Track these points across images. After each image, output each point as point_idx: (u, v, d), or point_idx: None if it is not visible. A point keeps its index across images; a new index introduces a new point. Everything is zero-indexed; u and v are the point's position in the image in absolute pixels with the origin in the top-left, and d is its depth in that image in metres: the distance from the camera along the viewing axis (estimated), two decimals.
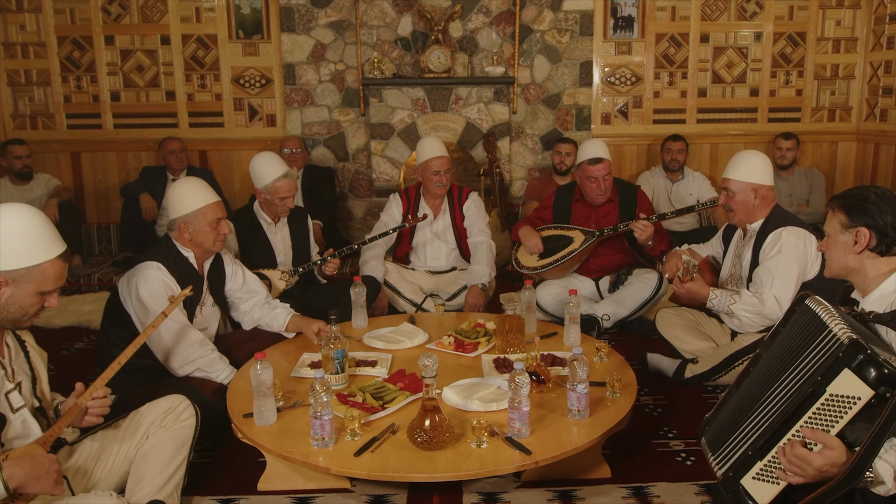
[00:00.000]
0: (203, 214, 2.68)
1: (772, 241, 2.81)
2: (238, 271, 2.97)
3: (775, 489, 1.57)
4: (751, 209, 2.92)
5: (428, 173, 3.82)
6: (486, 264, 3.77)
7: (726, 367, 2.83)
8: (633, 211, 3.69)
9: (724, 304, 2.81)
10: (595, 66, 5.60)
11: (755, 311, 2.77)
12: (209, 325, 2.86)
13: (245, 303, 2.96)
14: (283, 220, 3.51)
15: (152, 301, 2.55)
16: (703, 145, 5.72)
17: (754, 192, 2.89)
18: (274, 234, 3.49)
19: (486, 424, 1.98)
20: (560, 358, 2.54)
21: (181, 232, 2.69)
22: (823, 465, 1.47)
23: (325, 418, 1.96)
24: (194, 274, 2.73)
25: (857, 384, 1.44)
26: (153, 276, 2.57)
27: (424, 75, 5.26)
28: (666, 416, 2.77)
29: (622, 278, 3.75)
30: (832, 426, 1.49)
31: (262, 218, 3.46)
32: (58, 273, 1.76)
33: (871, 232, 1.79)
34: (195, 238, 2.70)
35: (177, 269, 2.65)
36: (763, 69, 5.65)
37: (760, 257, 2.84)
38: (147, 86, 5.53)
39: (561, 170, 5.05)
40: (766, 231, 2.86)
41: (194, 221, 2.68)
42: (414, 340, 2.81)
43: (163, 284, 2.57)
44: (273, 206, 3.39)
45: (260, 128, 5.62)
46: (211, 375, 2.62)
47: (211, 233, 2.70)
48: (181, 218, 2.68)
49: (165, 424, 2.05)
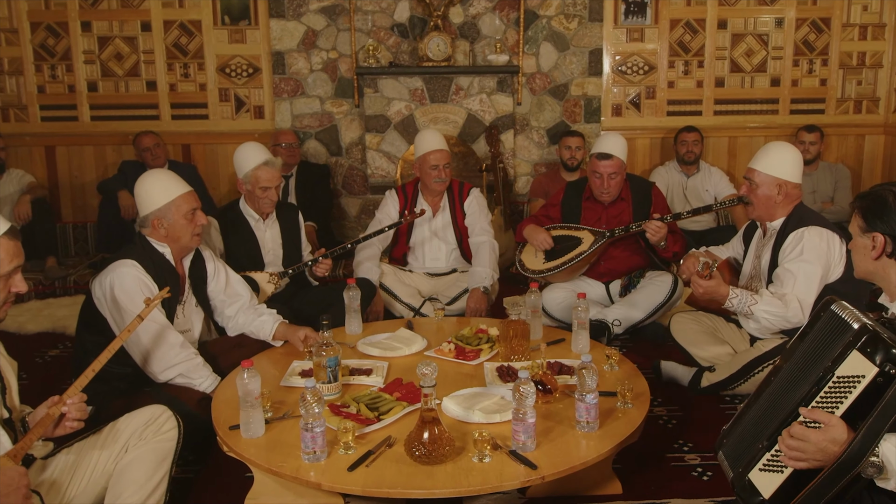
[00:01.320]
0: (176, 206, 2.70)
1: (793, 242, 2.81)
2: (221, 271, 2.97)
3: (780, 478, 1.60)
4: (772, 205, 2.92)
5: (426, 168, 3.82)
6: (489, 266, 3.77)
7: (745, 374, 2.83)
8: (647, 210, 3.70)
9: (745, 304, 2.80)
10: (605, 55, 5.60)
11: (777, 314, 2.76)
12: (192, 328, 2.86)
13: (229, 307, 2.96)
14: (272, 216, 3.52)
15: (128, 302, 2.55)
16: (720, 139, 5.72)
17: (779, 187, 2.89)
18: (262, 231, 3.49)
19: (488, 437, 1.98)
20: (568, 366, 2.55)
21: (155, 228, 2.71)
22: (821, 440, 1.50)
23: (317, 430, 1.96)
24: (172, 271, 2.74)
25: (863, 363, 1.49)
26: (128, 274, 2.58)
27: (423, 64, 5.26)
28: (681, 429, 2.77)
29: (634, 281, 3.75)
30: (837, 407, 1.52)
31: (249, 214, 3.46)
32: (9, 251, 1.77)
33: (887, 238, 1.80)
34: (171, 233, 2.71)
35: (153, 267, 2.66)
36: (785, 57, 5.65)
37: (780, 257, 2.84)
38: (126, 75, 5.53)
39: (571, 165, 5.05)
40: (787, 230, 2.86)
41: (168, 215, 2.69)
42: (411, 347, 2.81)
43: (139, 283, 2.58)
44: (255, 198, 3.39)
45: (247, 120, 5.62)
46: (193, 382, 2.62)
47: (187, 225, 2.72)
48: (153, 213, 2.70)
49: (146, 437, 2.05)
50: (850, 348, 1.52)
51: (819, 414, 1.53)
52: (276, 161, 3.43)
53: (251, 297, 3.01)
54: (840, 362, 1.54)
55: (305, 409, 1.95)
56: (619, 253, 3.76)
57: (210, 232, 3.37)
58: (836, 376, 1.53)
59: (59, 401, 1.88)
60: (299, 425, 1.99)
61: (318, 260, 3.49)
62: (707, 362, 3.06)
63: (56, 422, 1.87)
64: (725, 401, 2.96)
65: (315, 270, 3.53)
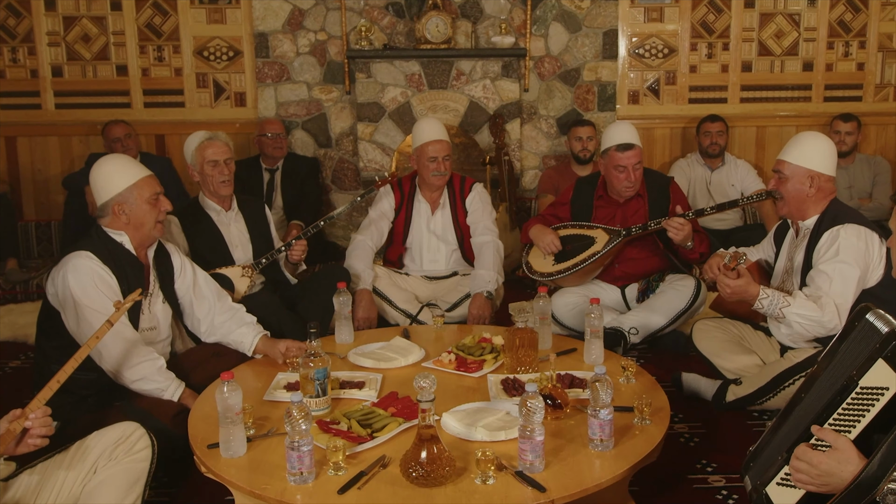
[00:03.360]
0: (139, 190, 2.72)
1: (828, 241, 2.81)
2: (188, 267, 2.99)
3: (797, 494, 1.60)
4: (803, 200, 2.92)
5: (424, 160, 3.83)
6: (493, 268, 3.77)
7: (775, 388, 2.83)
8: (665, 207, 3.70)
9: (777, 305, 2.79)
10: (621, 36, 5.60)
11: (812, 319, 2.75)
12: (158, 325, 2.86)
13: (199, 308, 2.98)
14: (234, 208, 3.54)
15: (84, 296, 2.56)
16: (747, 129, 5.73)
17: (811, 179, 2.89)
18: (226, 224, 3.51)
19: (492, 457, 1.98)
20: (580, 379, 2.55)
21: (116, 215, 2.72)
22: (826, 463, 1.49)
23: (304, 449, 1.96)
24: (133, 261, 2.75)
25: (888, 374, 1.48)
26: (83, 267, 2.59)
27: (420, 46, 5.26)
28: (704, 447, 2.77)
29: (653, 285, 3.75)
30: (856, 424, 1.52)
31: (209, 207, 3.48)
32: None
33: None
34: (133, 219, 2.73)
35: (111, 257, 2.67)
36: (818, 39, 5.66)
37: (814, 258, 2.84)
38: (94, 59, 5.53)
39: (583, 157, 5.05)
40: (822, 229, 2.86)
41: (130, 199, 2.71)
42: (408, 358, 2.81)
43: (95, 276, 2.59)
44: (207, 180, 3.41)
45: (227, 108, 5.63)
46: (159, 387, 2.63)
47: (151, 210, 2.74)
48: (114, 198, 2.71)
49: (116, 457, 2.05)
50: (876, 356, 1.51)
51: (827, 434, 1.51)
52: (220, 134, 3.49)
53: (218, 296, 3.02)
54: (865, 371, 1.52)
55: (291, 425, 1.95)
56: (636, 254, 3.76)
57: (172, 231, 3.39)
58: (859, 387, 1.52)
59: (21, 415, 1.88)
60: (284, 444, 1.99)
61: (290, 244, 3.53)
62: (733, 374, 3.06)
63: (18, 438, 1.87)
64: (753, 417, 2.96)
65: (290, 255, 3.56)
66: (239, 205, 3.57)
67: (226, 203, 3.51)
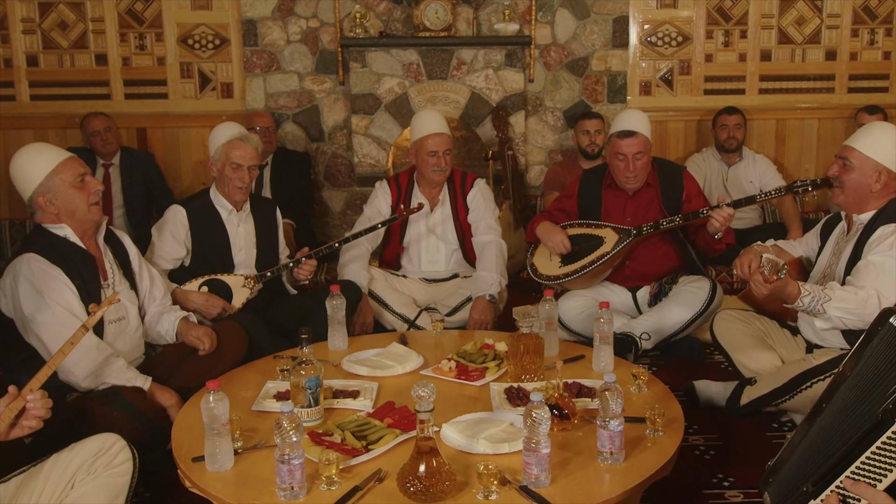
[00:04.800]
0: (59, 175, 2.70)
1: (882, 235, 2.77)
2: (141, 261, 3.03)
3: None
4: (865, 194, 2.88)
5: (423, 154, 3.83)
6: (496, 270, 3.78)
7: (793, 389, 2.79)
8: (678, 197, 3.70)
9: (818, 302, 2.73)
10: (632, 23, 5.61)
11: (853, 313, 2.70)
12: (126, 314, 2.88)
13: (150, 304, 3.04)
14: (245, 209, 3.53)
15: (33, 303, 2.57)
16: (766, 122, 5.74)
17: (878, 174, 2.85)
18: (234, 225, 3.51)
19: (495, 470, 1.98)
20: (588, 387, 2.55)
21: (44, 209, 2.71)
22: None
23: (295, 463, 1.96)
24: (83, 254, 2.75)
25: None
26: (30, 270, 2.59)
27: (419, 34, 5.27)
28: (720, 460, 2.78)
29: (665, 288, 3.75)
30: (891, 469, 1.49)
31: (221, 204, 3.48)
32: None
33: None
34: (63, 208, 2.72)
35: (57, 254, 2.67)
36: (842, 26, 5.67)
37: (864, 251, 2.80)
38: (72, 47, 5.54)
39: (591, 152, 5.06)
40: (877, 224, 2.82)
41: (52, 188, 2.70)
42: (405, 365, 2.81)
43: (45, 277, 2.60)
44: (225, 181, 3.41)
45: (213, 99, 5.63)
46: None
47: (79, 194, 2.72)
48: (37, 191, 2.70)
49: (95, 471, 2.05)
50: None
51: (863, 489, 1.48)
52: (252, 137, 3.49)
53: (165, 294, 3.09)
54: None
55: (281, 437, 1.95)
56: (648, 253, 3.76)
57: (176, 220, 3.40)
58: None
59: (18, 395, 1.89)
60: (274, 457, 1.99)
61: (300, 261, 3.50)
62: (750, 372, 3.04)
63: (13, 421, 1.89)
64: (772, 428, 2.97)
65: (296, 274, 3.54)
66: (251, 207, 3.57)
67: (238, 204, 3.52)
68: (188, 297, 3.27)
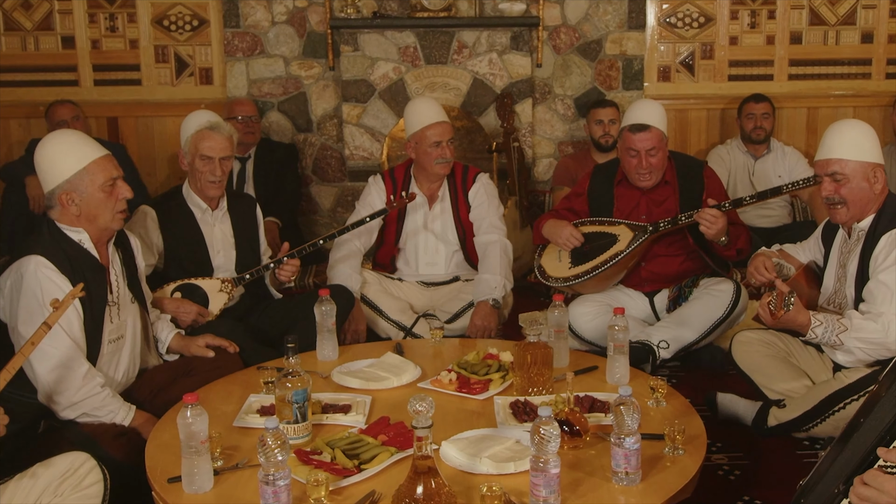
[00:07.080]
0: (90, 175, 2.68)
1: (886, 246, 2.81)
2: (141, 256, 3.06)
3: None
4: (867, 199, 2.91)
5: (424, 146, 3.83)
6: (500, 273, 3.78)
7: (823, 412, 2.82)
8: (698, 195, 3.70)
9: (832, 333, 2.80)
10: (649, 2, 5.61)
11: (874, 342, 2.76)
12: (125, 333, 2.86)
13: None
14: (222, 207, 3.54)
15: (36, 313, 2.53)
16: (797, 110, 5.74)
17: (874, 172, 2.89)
18: (210, 225, 3.51)
19: (500, 492, 1.99)
20: (601, 401, 2.55)
21: (65, 207, 2.68)
22: None
23: (280, 484, 1.96)
24: (94, 265, 2.73)
25: None
26: (35, 275, 2.56)
27: (416, 15, 5.27)
28: (747, 481, 2.78)
29: (685, 292, 3.76)
30: None
31: (194, 203, 3.48)
32: None
33: None
34: (86, 211, 2.69)
35: (67, 261, 2.64)
36: (879, 6, 5.67)
37: (871, 267, 2.84)
38: (36, 29, 5.54)
39: (605, 144, 5.06)
40: (879, 231, 2.86)
41: (80, 187, 2.67)
42: (401, 377, 2.81)
43: (50, 286, 2.56)
44: (196, 174, 3.41)
45: (191, 86, 5.63)
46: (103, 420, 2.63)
47: (106, 200, 2.70)
48: (61, 186, 2.67)
49: (62, 493, 2.05)
50: None
51: None
52: (224, 126, 3.46)
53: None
54: None
55: (265, 456, 1.95)
56: (665, 252, 3.77)
57: (146, 224, 3.39)
58: None
59: None
60: (258, 477, 1.99)
61: (282, 261, 3.50)
62: (778, 395, 3.06)
63: None
64: (803, 445, 2.97)
65: (278, 274, 3.53)
66: (228, 204, 3.57)
67: (213, 201, 3.51)
68: (159, 305, 3.26)
